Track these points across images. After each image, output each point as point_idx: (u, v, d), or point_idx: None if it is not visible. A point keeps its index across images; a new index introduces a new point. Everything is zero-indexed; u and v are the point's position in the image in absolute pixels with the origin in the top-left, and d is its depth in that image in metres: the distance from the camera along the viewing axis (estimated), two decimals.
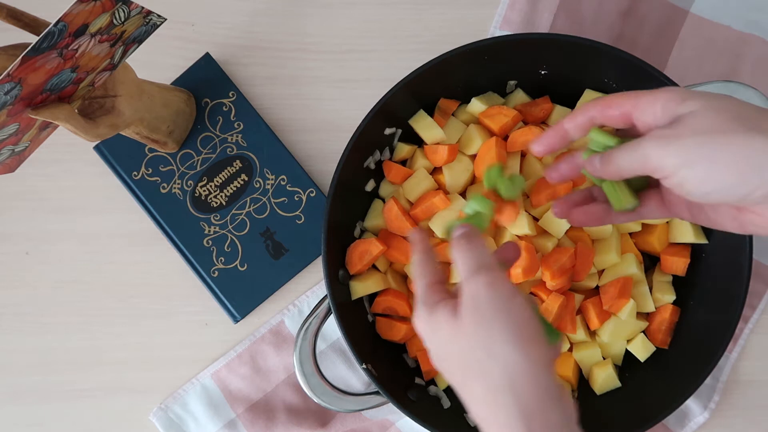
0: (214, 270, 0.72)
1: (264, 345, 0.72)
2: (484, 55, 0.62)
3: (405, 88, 0.61)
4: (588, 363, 0.65)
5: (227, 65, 0.74)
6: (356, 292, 0.64)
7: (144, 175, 0.72)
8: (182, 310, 0.73)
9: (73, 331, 0.73)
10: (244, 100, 0.73)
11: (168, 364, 0.72)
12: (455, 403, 0.65)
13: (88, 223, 0.73)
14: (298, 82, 0.74)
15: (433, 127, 0.65)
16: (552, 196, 0.62)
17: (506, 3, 0.72)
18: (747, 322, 0.71)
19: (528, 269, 0.60)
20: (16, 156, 0.54)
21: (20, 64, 0.44)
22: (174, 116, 0.68)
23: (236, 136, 0.72)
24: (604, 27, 0.72)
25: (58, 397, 0.72)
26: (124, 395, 0.72)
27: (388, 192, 0.67)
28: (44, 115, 0.50)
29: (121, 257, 0.73)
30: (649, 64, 0.59)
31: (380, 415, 0.70)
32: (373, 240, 0.64)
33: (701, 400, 0.70)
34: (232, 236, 0.72)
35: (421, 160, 0.66)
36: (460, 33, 0.72)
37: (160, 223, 0.72)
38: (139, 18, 0.51)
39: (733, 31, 0.72)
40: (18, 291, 0.73)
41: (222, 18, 0.74)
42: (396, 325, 0.65)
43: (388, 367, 0.64)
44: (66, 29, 0.45)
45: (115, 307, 0.73)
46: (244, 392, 0.71)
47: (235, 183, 0.72)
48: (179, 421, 0.72)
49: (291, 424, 0.70)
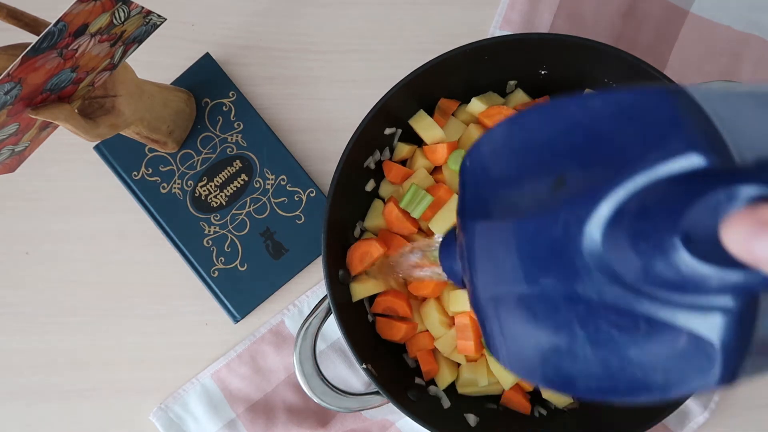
0: (214, 270, 0.72)
1: (264, 345, 0.72)
2: (484, 55, 0.62)
3: (405, 88, 0.61)
4: None
5: (227, 65, 0.74)
6: (357, 294, 0.64)
7: (144, 175, 0.72)
8: (182, 310, 0.73)
9: (73, 331, 0.73)
10: (244, 100, 0.73)
11: (168, 364, 0.72)
12: (455, 403, 0.65)
13: (88, 223, 0.73)
14: (298, 82, 0.74)
15: (433, 127, 0.65)
16: None
17: (506, 3, 0.72)
18: None
19: None
20: (16, 156, 0.54)
21: (20, 64, 0.44)
22: (174, 116, 0.68)
23: (236, 136, 0.72)
24: (604, 27, 0.72)
25: (58, 397, 0.72)
26: (124, 395, 0.72)
27: (388, 192, 0.67)
28: (44, 115, 0.50)
29: (121, 257, 0.73)
30: (649, 64, 0.59)
31: (380, 415, 0.70)
32: (374, 242, 0.64)
33: (701, 400, 0.70)
34: (232, 236, 0.72)
35: (421, 160, 0.66)
36: (460, 33, 0.72)
37: (160, 223, 0.72)
38: (139, 18, 0.51)
39: (733, 31, 0.72)
40: (18, 291, 0.73)
41: (222, 18, 0.74)
42: (396, 325, 0.65)
43: (388, 367, 0.63)
44: (66, 29, 0.45)
45: (115, 307, 0.73)
46: (244, 392, 0.71)
47: (235, 183, 0.72)
48: (179, 421, 0.72)
49: (291, 424, 0.70)
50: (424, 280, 0.62)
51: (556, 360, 0.33)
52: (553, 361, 0.34)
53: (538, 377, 0.35)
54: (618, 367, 0.31)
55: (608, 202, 0.29)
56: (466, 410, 0.64)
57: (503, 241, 0.34)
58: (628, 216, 0.28)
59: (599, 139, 0.31)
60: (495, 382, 0.65)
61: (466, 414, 0.64)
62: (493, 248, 0.35)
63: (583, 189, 0.30)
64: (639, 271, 0.29)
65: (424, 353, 0.66)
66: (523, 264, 0.33)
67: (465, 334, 0.62)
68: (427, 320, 0.65)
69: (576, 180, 0.31)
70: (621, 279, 0.29)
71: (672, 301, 0.28)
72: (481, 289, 0.37)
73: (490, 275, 0.36)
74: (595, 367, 0.32)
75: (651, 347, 0.29)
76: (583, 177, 0.31)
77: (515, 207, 0.34)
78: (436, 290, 0.64)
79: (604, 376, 0.31)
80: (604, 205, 0.29)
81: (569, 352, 0.32)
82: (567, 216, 0.30)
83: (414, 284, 0.64)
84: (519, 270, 0.33)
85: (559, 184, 0.32)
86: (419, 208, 0.63)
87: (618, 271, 0.29)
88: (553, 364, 0.34)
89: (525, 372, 0.36)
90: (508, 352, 0.36)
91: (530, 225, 0.33)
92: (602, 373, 0.31)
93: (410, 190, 0.63)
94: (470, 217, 0.37)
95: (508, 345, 0.36)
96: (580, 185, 0.30)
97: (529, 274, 0.33)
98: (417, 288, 0.64)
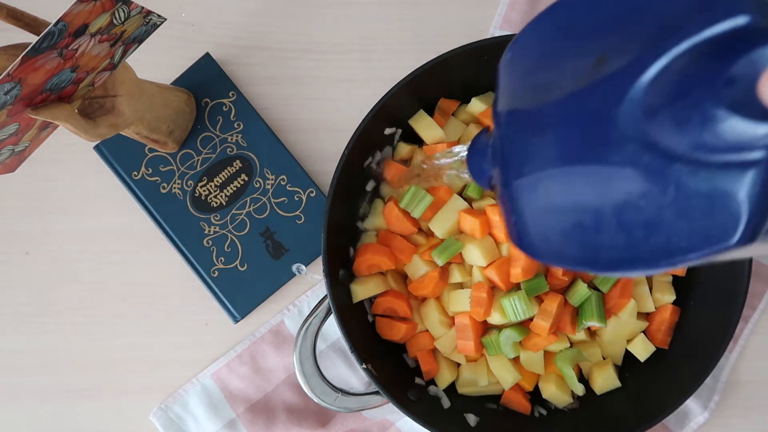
0: (214, 270, 0.72)
1: (264, 345, 0.72)
2: (484, 55, 0.62)
3: (405, 88, 0.61)
4: (588, 363, 0.66)
5: (227, 65, 0.74)
6: (357, 295, 0.64)
7: (144, 175, 0.72)
8: (182, 310, 0.73)
9: (73, 331, 0.73)
10: (244, 100, 0.73)
11: (168, 364, 0.72)
12: (455, 402, 0.65)
13: (88, 223, 0.73)
14: (298, 82, 0.74)
15: (433, 127, 0.65)
16: None
17: (506, 3, 0.72)
18: (747, 322, 0.71)
19: (527, 269, 0.60)
20: (16, 156, 0.54)
21: (20, 64, 0.44)
22: (174, 116, 0.68)
23: (236, 136, 0.72)
24: None
25: (58, 397, 0.72)
26: (124, 395, 0.72)
27: (388, 192, 0.67)
28: (44, 115, 0.50)
29: (121, 257, 0.73)
30: None
31: (380, 415, 0.70)
32: (385, 259, 0.64)
33: (701, 400, 0.70)
34: (232, 236, 0.72)
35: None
36: (460, 33, 0.72)
37: (160, 223, 0.72)
38: (139, 18, 0.51)
39: None
40: (18, 291, 0.73)
41: (222, 18, 0.74)
42: (396, 325, 0.65)
43: (388, 367, 0.64)
44: (66, 29, 0.45)
45: (115, 307, 0.73)
46: (244, 392, 0.71)
47: (235, 183, 0.72)
48: (179, 421, 0.72)
49: (291, 424, 0.70)
50: (442, 187, 0.63)
51: (581, 235, 0.35)
52: (579, 236, 0.35)
53: (563, 257, 0.37)
54: (642, 235, 0.32)
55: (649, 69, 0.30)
56: (466, 410, 0.64)
57: (541, 121, 0.36)
58: (669, 81, 0.30)
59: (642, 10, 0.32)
60: (495, 382, 0.65)
61: (466, 414, 0.64)
62: (530, 131, 0.37)
63: (624, 61, 0.31)
64: (675, 134, 0.30)
65: (424, 353, 0.66)
66: (559, 140, 0.35)
67: (465, 334, 0.62)
68: (427, 320, 0.65)
69: (618, 55, 0.32)
70: (656, 144, 0.31)
71: (704, 162, 0.30)
72: (512, 175, 0.39)
73: (524, 158, 0.38)
74: (619, 237, 0.33)
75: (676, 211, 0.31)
76: (625, 50, 0.32)
77: (555, 89, 0.35)
78: (436, 290, 0.64)
79: (627, 246, 0.33)
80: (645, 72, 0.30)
81: (595, 225, 0.34)
82: (607, 87, 0.32)
83: (414, 284, 0.64)
84: (555, 146, 0.35)
85: (600, 62, 0.33)
86: (419, 208, 0.63)
87: (654, 137, 0.31)
88: (578, 239, 0.36)
89: (550, 253, 0.38)
90: (535, 235, 0.38)
91: (568, 101, 0.34)
92: (626, 242, 0.33)
93: (410, 190, 0.63)
94: (509, 108, 0.39)
95: (535, 227, 0.38)
96: (622, 59, 0.32)
97: (565, 150, 0.35)
98: (417, 288, 0.64)
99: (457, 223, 0.63)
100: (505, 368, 0.64)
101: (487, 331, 0.64)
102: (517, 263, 0.60)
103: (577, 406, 0.66)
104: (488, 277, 0.62)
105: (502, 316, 0.61)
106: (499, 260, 0.62)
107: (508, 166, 0.39)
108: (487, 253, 0.61)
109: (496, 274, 0.61)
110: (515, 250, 0.61)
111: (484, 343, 0.63)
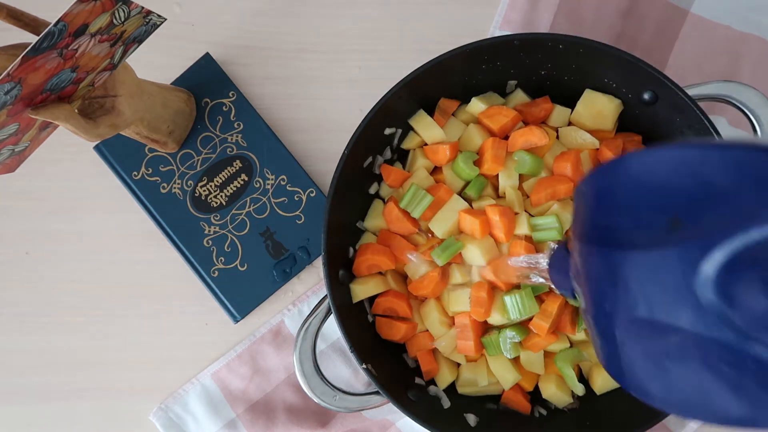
0: (214, 270, 0.72)
1: (264, 345, 0.72)
2: (484, 55, 0.62)
3: (405, 88, 0.61)
4: (588, 363, 0.65)
5: (227, 65, 0.74)
6: (357, 295, 0.64)
7: (144, 175, 0.72)
8: (182, 310, 0.73)
9: (73, 331, 0.73)
10: (244, 100, 0.73)
11: (168, 364, 0.72)
12: (455, 403, 0.65)
13: (87, 223, 0.73)
14: (298, 82, 0.74)
15: (433, 127, 0.65)
16: (552, 195, 0.62)
17: (506, 3, 0.72)
18: None
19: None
20: (16, 156, 0.54)
21: (20, 64, 0.44)
22: (174, 116, 0.68)
23: (236, 136, 0.72)
24: (604, 27, 0.72)
25: (58, 397, 0.72)
26: (124, 395, 0.72)
27: (388, 192, 0.67)
28: (44, 115, 0.50)
29: (121, 257, 0.73)
30: (649, 64, 0.59)
31: (380, 415, 0.70)
32: (384, 257, 0.64)
33: None
34: (232, 236, 0.72)
35: (421, 160, 0.66)
36: (460, 33, 0.72)
37: (160, 223, 0.72)
38: (139, 18, 0.51)
39: (733, 31, 0.72)
40: (18, 291, 0.73)
41: (222, 18, 0.74)
42: (396, 325, 0.65)
43: (388, 367, 0.63)
44: (66, 29, 0.45)
45: (116, 307, 0.73)
46: (244, 392, 0.71)
47: (235, 183, 0.72)
48: (179, 421, 0.72)
49: (291, 424, 0.70)
50: (442, 187, 0.64)
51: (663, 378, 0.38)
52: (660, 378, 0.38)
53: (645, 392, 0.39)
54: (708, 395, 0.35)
55: (722, 250, 0.32)
56: (466, 410, 0.64)
57: (620, 268, 0.38)
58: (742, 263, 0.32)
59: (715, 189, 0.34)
60: (495, 382, 0.65)
61: (466, 414, 0.64)
62: (610, 273, 0.39)
63: (699, 233, 0.34)
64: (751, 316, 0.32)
65: (424, 353, 0.66)
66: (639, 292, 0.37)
67: (465, 334, 0.62)
68: (427, 320, 0.65)
69: (691, 222, 0.34)
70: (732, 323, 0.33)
71: None
72: (597, 310, 0.41)
73: (605, 295, 0.40)
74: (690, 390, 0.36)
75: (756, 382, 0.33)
76: (698, 221, 0.34)
77: (632, 238, 0.38)
78: (436, 290, 0.64)
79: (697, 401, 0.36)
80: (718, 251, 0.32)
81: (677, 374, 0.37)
82: (684, 255, 0.34)
83: (414, 284, 0.64)
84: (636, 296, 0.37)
85: (675, 224, 0.35)
86: (419, 208, 0.63)
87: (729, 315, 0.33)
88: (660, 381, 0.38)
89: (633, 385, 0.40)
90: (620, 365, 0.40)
91: (647, 258, 0.36)
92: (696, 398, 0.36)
93: (410, 190, 0.63)
94: (587, 241, 0.41)
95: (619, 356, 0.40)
96: (696, 229, 0.34)
97: (644, 302, 0.37)
98: (417, 288, 0.64)
99: (457, 223, 0.63)
100: (505, 368, 0.64)
101: (487, 331, 0.64)
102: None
103: (577, 406, 0.66)
104: (488, 278, 0.62)
105: (502, 315, 0.61)
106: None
107: (592, 300, 0.41)
108: (487, 253, 0.61)
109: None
110: (515, 250, 0.61)
111: (484, 343, 0.63)
